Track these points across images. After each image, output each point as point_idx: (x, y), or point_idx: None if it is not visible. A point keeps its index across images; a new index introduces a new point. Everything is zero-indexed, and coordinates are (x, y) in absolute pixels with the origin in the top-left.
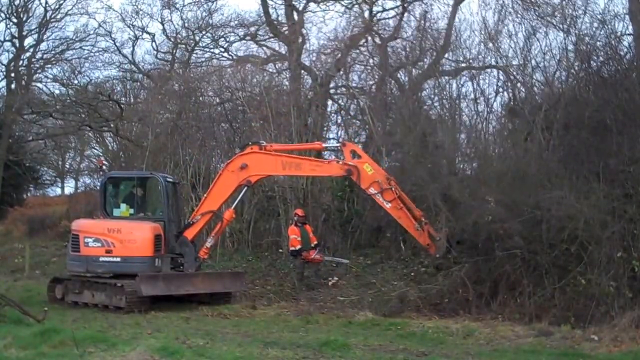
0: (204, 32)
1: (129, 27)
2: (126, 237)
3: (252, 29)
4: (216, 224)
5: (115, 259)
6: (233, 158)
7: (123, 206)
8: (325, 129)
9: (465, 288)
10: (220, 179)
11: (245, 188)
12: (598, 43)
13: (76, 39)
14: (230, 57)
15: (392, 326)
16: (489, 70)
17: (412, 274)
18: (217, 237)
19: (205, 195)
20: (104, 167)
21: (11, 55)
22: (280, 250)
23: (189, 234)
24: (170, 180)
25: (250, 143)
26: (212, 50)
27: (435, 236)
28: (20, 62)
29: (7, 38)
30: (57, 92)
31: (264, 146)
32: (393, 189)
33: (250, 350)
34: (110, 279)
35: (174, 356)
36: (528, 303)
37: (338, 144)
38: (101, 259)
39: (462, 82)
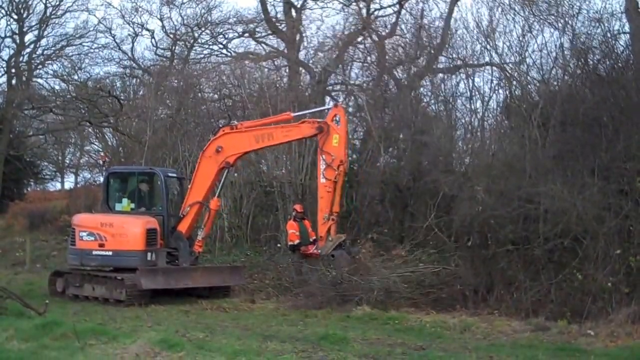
0: (202, 29)
1: (128, 23)
2: (118, 231)
3: (251, 26)
4: (205, 214)
5: (107, 253)
6: (208, 144)
7: (125, 201)
8: None
9: (462, 283)
10: (200, 167)
11: (227, 171)
12: (594, 41)
13: (76, 36)
14: (229, 54)
15: (390, 320)
16: (485, 67)
17: (410, 269)
18: (207, 228)
19: (189, 186)
20: (105, 162)
21: (12, 52)
22: (279, 245)
23: (182, 227)
24: (174, 175)
25: (221, 125)
26: (211, 47)
27: (331, 236)
28: (21, 58)
29: (7, 34)
30: (57, 87)
31: (236, 125)
32: (337, 172)
33: (249, 343)
34: (110, 272)
35: (174, 349)
36: (524, 298)
37: (330, 107)
38: (94, 252)
39: (458, 80)
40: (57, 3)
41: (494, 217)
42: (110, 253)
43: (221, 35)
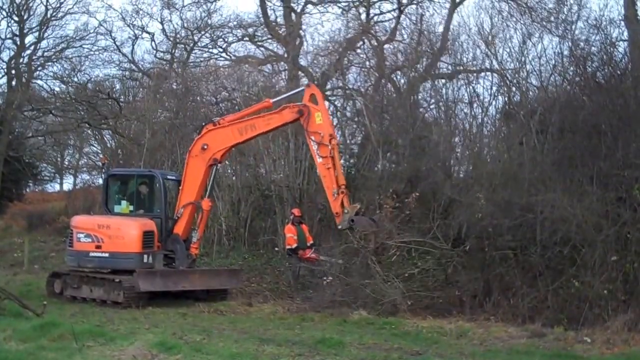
0: (202, 33)
1: (128, 26)
2: (114, 233)
3: (251, 29)
4: (198, 216)
5: (103, 255)
6: (193, 143)
7: (123, 203)
8: None
9: (459, 288)
10: (188, 168)
11: (215, 168)
12: (593, 48)
13: (76, 38)
14: (228, 58)
15: (387, 325)
16: (484, 73)
17: (407, 274)
18: (201, 229)
19: (180, 188)
20: (105, 164)
21: (12, 53)
22: (276, 249)
23: (178, 229)
24: (174, 178)
25: (204, 124)
26: (210, 50)
27: (346, 207)
28: (21, 59)
29: (8, 36)
30: (57, 89)
31: (218, 121)
32: (330, 147)
33: (246, 346)
34: (108, 274)
35: (171, 351)
36: (521, 304)
37: (303, 87)
38: (91, 254)
39: (458, 86)
40: (58, 5)
41: (492, 224)
42: (106, 255)
43: (221, 39)
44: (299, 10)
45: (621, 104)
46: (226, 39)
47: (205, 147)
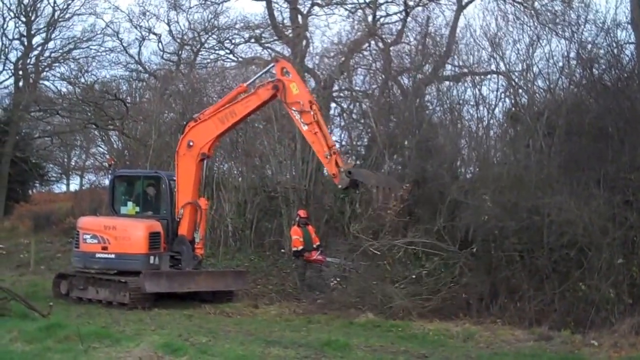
0: (209, 34)
1: (135, 27)
2: (120, 234)
3: (257, 31)
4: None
5: (110, 256)
6: (179, 143)
7: (130, 204)
8: (328, 131)
9: (465, 291)
10: (179, 168)
11: (205, 163)
12: (600, 51)
13: (83, 39)
14: (235, 59)
15: (393, 328)
16: (491, 75)
17: (414, 276)
18: (202, 229)
19: (176, 189)
20: (112, 164)
21: (20, 54)
22: (283, 250)
23: (182, 230)
24: None
25: (185, 122)
26: (217, 51)
27: (341, 166)
28: (29, 60)
29: (15, 36)
30: (64, 90)
31: (198, 116)
32: (312, 113)
33: (252, 348)
34: (114, 275)
35: (177, 353)
36: (528, 307)
37: (273, 64)
38: (97, 255)
39: (464, 88)
40: (65, 6)
41: (499, 227)
42: (113, 256)
43: (228, 41)
44: (305, 12)
45: (628, 107)
46: (233, 41)
47: (191, 143)
